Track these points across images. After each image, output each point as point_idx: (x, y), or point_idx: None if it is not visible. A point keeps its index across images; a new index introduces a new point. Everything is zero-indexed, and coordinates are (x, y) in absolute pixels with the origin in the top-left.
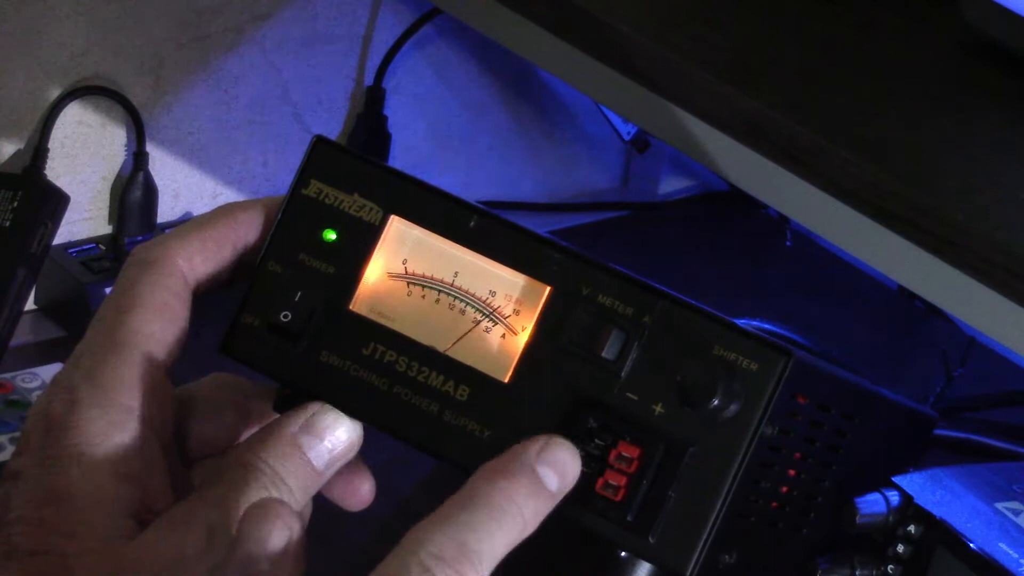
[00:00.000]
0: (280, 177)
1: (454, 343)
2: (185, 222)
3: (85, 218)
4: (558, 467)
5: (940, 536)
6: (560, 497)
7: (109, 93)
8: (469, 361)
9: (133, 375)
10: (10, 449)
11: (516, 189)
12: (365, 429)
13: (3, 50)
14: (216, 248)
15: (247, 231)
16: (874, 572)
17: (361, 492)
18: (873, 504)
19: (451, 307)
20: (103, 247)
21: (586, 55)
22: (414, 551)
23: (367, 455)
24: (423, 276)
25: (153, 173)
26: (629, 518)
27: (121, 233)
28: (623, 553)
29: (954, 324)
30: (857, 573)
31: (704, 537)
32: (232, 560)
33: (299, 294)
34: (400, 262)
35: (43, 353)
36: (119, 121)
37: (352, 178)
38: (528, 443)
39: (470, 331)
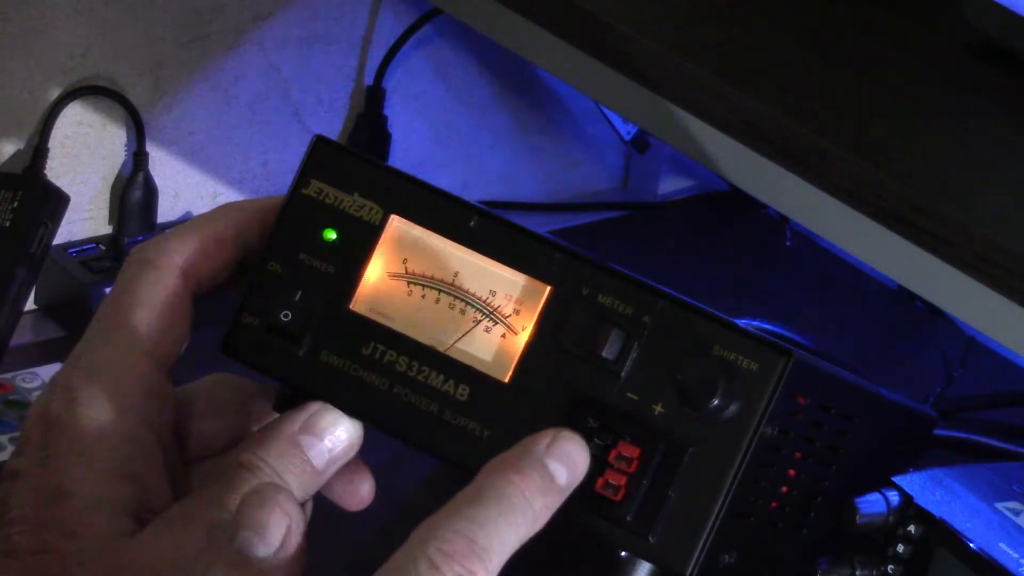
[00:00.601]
0: (280, 177)
1: (454, 343)
2: (185, 221)
3: (85, 218)
4: (567, 460)
5: (940, 536)
6: (569, 491)
7: (109, 93)
8: (469, 361)
9: (132, 375)
10: (10, 449)
11: (516, 189)
12: (365, 429)
13: (3, 50)
14: (216, 248)
15: (247, 231)
16: (874, 572)
17: (361, 492)
18: (873, 504)
19: (451, 307)
20: (103, 247)
21: (586, 55)
22: (422, 546)
23: (367, 455)
24: (423, 276)
25: (153, 173)
26: (629, 518)
27: (121, 233)
28: (623, 553)
29: (954, 324)
30: (857, 573)
31: (704, 537)
32: (230, 548)
33: (299, 294)
34: (400, 262)
35: (43, 353)
36: (119, 121)
37: (352, 178)
38: (537, 437)
39: (470, 331)
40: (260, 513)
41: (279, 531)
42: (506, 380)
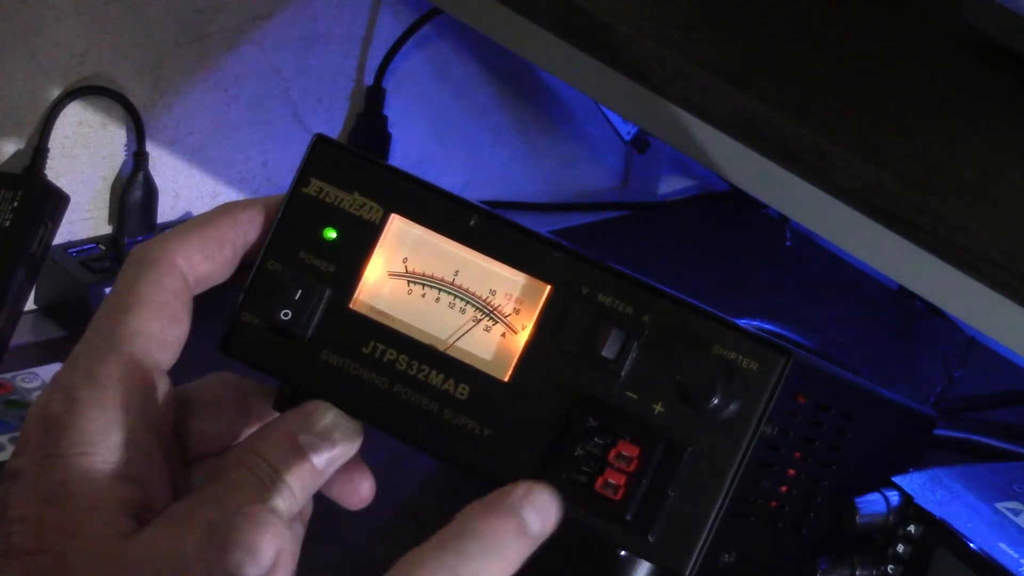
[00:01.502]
0: (280, 177)
1: (454, 342)
2: (185, 221)
3: (85, 218)
4: (540, 512)
5: (940, 536)
6: (541, 539)
7: (109, 93)
8: (469, 360)
9: (132, 374)
10: (10, 449)
11: (516, 189)
12: (365, 428)
13: (3, 50)
14: (216, 247)
15: (247, 230)
16: (874, 572)
17: (361, 491)
18: (873, 504)
19: (451, 306)
20: (103, 247)
21: (586, 55)
22: (407, 574)
23: (367, 455)
24: (423, 275)
25: (153, 173)
26: (628, 517)
27: (121, 233)
28: (623, 552)
29: (954, 324)
30: (857, 573)
31: (703, 536)
32: (219, 569)
33: (299, 293)
34: (400, 261)
35: (43, 353)
36: (119, 121)
37: (352, 177)
38: (513, 486)
39: (470, 330)
40: (253, 536)
41: (270, 553)
42: (506, 379)
